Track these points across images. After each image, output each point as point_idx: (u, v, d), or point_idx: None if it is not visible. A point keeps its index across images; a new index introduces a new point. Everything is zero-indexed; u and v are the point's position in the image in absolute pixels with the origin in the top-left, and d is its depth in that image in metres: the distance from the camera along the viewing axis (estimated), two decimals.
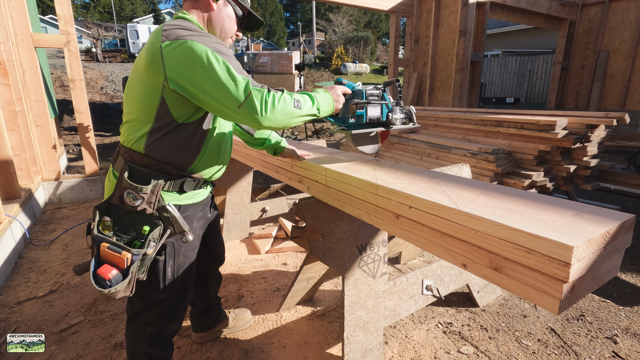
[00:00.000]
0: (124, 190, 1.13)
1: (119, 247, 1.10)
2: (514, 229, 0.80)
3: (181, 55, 1.04)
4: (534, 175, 3.02)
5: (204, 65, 1.03)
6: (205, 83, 1.04)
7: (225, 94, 1.04)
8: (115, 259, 1.09)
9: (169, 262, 1.25)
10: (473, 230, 0.89)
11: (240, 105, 1.04)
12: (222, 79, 1.03)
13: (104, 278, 1.07)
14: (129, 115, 1.18)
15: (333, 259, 1.58)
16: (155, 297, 1.29)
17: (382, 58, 30.64)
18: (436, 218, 0.99)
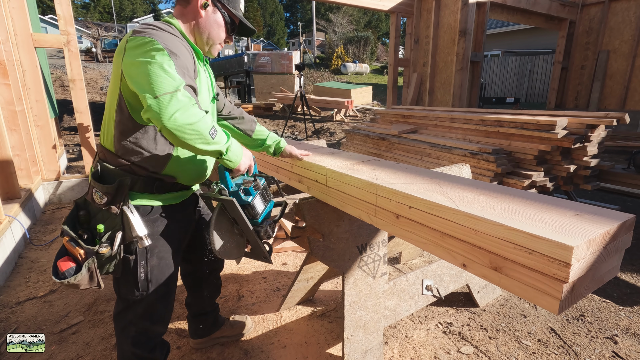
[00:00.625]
0: (92, 187, 1.16)
1: (75, 242, 1.14)
2: (514, 229, 0.80)
3: (134, 45, 1.05)
4: (534, 175, 3.02)
5: (145, 53, 1.03)
6: (137, 69, 1.03)
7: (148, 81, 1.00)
8: (73, 251, 1.14)
9: (141, 263, 1.24)
10: (473, 230, 0.89)
11: (157, 97, 0.98)
12: (155, 70, 1.00)
13: (58, 269, 1.14)
14: (105, 112, 1.21)
15: (333, 259, 1.58)
16: (132, 297, 1.29)
17: (382, 58, 30.64)
18: (436, 218, 0.99)
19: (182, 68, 1.07)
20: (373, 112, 5.69)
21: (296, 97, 7.64)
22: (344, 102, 10.77)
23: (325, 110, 12.06)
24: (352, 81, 20.15)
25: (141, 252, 1.23)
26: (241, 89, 13.70)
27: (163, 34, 1.09)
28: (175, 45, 1.10)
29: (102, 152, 1.20)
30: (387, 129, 4.78)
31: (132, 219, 1.15)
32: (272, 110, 12.25)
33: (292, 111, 8.85)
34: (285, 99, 12.16)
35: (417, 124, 4.53)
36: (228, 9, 1.27)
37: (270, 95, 14.23)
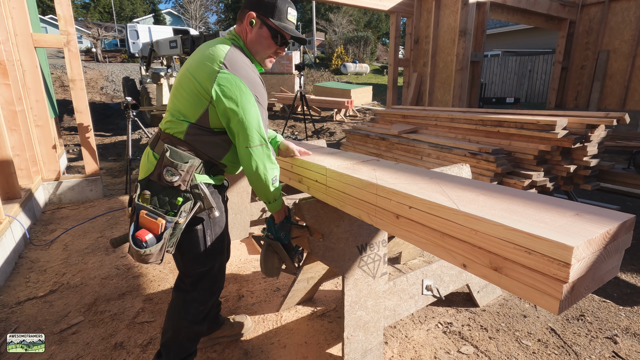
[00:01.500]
0: (164, 167, 1.29)
1: (155, 214, 1.27)
2: (514, 229, 0.80)
3: (230, 89, 1.25)
4: (534, 175, 3.02)
5: (241, 109, 1.26)
6: (236, 121, 1.28)
7: (244, 135, 1.29)
8: (151, 224, 1.26)
9: (207, 232, 1.41)
10: (473, 230, 0.89)
11: (248, 147, 1.30)
12: (251, 124, 1.28)
13: (141, 240, 1.24)
14: (175, 109, 1.35)
15: (333, 259, 1.58)
16: (200, 269, 1.44)
17: (382, 58, 30.63)
18: (436, 218, 0.99)
19: (264, 112, 1.34)
20: (373, 112, 5.69)
21: (296, 97, 7.64)
22: (344, 102, 10.77)
23: (325, 110, 12.06)
24: (352, 81, 20.15)
25: (207, 222, 1.40)
26: None
27: (250, 83, 1.29)
28: (259, 90, 1.33)
29: (167, 139, 1.34)
30: (387, 129, 4.78)
31: (206, 192, 1.33)
32: (272, 110, 12.25)
33: (292, 111, 8.85)
34: (285, 99, 12.16)
35: (417, 124, 4.53)
36: (272, 22, 1.35)
37: (271, 95, 14.22)
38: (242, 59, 1.32)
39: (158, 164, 1.31)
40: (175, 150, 1.32)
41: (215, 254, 1.47)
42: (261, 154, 1.32)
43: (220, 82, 1.25)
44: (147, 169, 1.36)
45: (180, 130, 1.33)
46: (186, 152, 1.33)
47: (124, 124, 9.61)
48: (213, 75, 1.25)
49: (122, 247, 3.03)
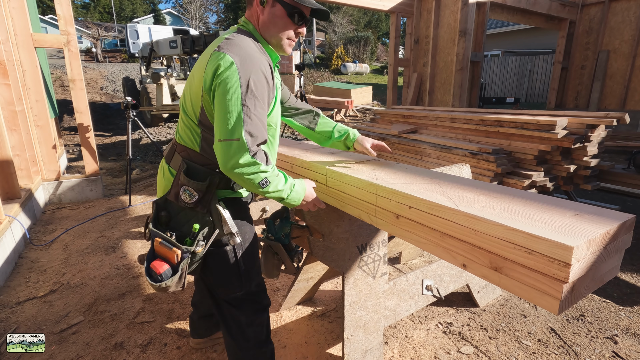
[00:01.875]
0: (181, 187, 1.15)
1: (170, 243, 1.14)
2: (513, 230, 0.80)
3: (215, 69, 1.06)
4: (534, 175, 3.01)
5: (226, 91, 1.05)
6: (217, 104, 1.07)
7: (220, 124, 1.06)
8: (167, 254, 1.13)
9: (238, 251, 1.26)
10: (473, 230, 0.89)
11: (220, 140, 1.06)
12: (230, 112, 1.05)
13: (156, 272, 1.11)
14: (184, 113, 1.20)
15: (333, 259, 1.58)
16: (236, 292, 1.30)
17: (382, 58, 30.63)
18: (436, 218, 0.99)
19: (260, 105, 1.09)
20: (373, 112, 5.69)
21: (296, 97, 7.63)
22: (344, 102, 10.77)
23: (325, 110, 12.06)
24: (352, 81, 20.15)
25: (244, 243, 1.28)
26: None
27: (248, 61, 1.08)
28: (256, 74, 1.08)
29: (184, 152, 1.20)
30: (387, 129, 4.78)
31: (225, 216, 1.17)
32: None
33: None
34: None
35: (417, 124, 4.53)
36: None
37: None
38: (243, 40, 1.12)
39: (175, 182, 1.18)
40: (193, 165, 1.17)
41: (250, 274, 1.30)
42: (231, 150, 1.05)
43: (209, 64, 1.08)
44: (164, 187, 1.24)
45: (193, 141, 1.18)
46: (205, 167, 1.18)
47: (124, 124, 9.61)
48: (205, 61, 1.10)
49: (122, 247, 3.03)
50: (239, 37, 1.14)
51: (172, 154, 1.24)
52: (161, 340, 1.94)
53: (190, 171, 1.16)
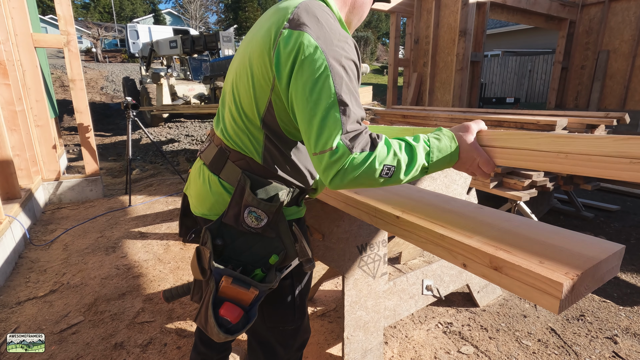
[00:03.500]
0: (245, 208, 0.90)
1: (247, 283, 0.89)
2: None
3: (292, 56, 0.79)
4: (534, 175, 3.02)
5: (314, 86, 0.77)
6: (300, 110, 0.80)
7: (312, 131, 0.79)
8: (240, 295, 0.88)
9: (297, 285, 1.07)
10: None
11: (316, 154, 0.79)
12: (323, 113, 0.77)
13: (229, 321, 0.87)
14: (237, 105, 0.92)
15: (333, 259, 1.58)
16: (285, 329, 1.10)
17: (382, 58, 30.63)
18: None
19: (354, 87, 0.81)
20: (373, 112, 5.70)
21: None
22: None
23: None
24: None
25: (295, 272, 1.04)
26: None
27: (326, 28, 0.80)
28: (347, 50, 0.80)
29: (242, 161, 0.93)
30: None
31: (303, 239, 0.96)
32: None
33: None
34: None
35: (417, 124, 4.53)
36: None
37: None
38: (321, 12, 0.83)
39: (234, 202, 0.92)
40: (260, 180, 0.92)
41: (304, 308, 1.13)
42: (338, 164, 0.77)
43: (280, 48, 0.80)
44: (211, 204, 0.98)
45: (254, 148, 0.92)
46: (273, 181, 0.94)
47: (124, 124, 9.61)
48: (274, 39, 0.81)
49: (122, 247, 3.04)
50: (312, 4, 0.84)
51: (222, 161, 0.96)
52: (161, 340, 1.94)
53: (258, 188, 0.92)
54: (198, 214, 1.03)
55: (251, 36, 0.92)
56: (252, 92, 0.88)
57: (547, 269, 0.76)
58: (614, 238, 3.24)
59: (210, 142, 1.03)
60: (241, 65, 0.91)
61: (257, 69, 0.85)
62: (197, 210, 1.03)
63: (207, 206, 0.99)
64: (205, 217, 1.00)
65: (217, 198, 0.97)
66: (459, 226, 1.00)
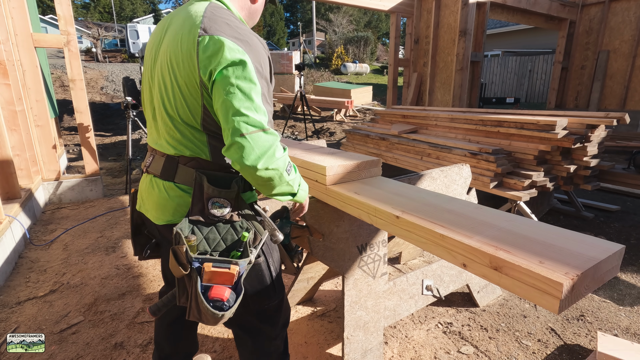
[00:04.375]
0: (208, 200, 1.00)
1: (225, 262, 0.96)
2: None
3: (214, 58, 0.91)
4: (534, 175, 3.02)
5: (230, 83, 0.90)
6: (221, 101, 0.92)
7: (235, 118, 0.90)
8: (224, 276, 0.95)
9: (270, 259, 1.16)
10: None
11: (244, 134, 0.90)
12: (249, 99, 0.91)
13: (221, 300, 0.93)
14: (170, 115, 1.02)
15: (333, 259, 1.58)
16: (269, 305, 1.18)
17: (382, 58, 30.64)
18: None
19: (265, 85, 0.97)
20: (373, 112, 5.70)
21: (296, 97, 7.64)
22: (344, 102, 10.77)
23: (325, 110, 12.06)
24: (352, 81, 20.15)
25: (266, 250, 1.14)
26: None
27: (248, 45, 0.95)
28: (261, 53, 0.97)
29: (193, 162, 1.03)
30: (387, 129, 4.78)
31: (265, 215, 1.07)
32: None
33: (292, 111, 8.85)
34: (285, 99, 12.16)
35: (417, 124, 4.53)
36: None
37: None
38: (226, 14, 0.98)
39: (196, 199, 1.01)
40: (213, 174, 1.03)
41: (281, 281, 1.23)
42: (263, 141, 0.92)
43: (201, 53, 0.91)
44: (174, 208, 1.05)
45: (200, 149, 1.03)
46: (224, 172, 1.06)
47: (124, 124, 9.61)
48: (193, 51, 0.93)
49: (122, 247, 3.04)
50: (216, 10, 0.98)
51: (173, 167, 1.05)
52: None
53: (214, 180, 1.01)
54: (162, 223, 1.07)
55: (164, 48, 1.01)
56: (184, 102, 0.98)
57: (547, 269, 0.76)
58: (614, 238, 3.24)
59: (154, 156, 1.11)
60: (163, 79, 1.01)
61: (183, 81, 0.96)
62: (160, 220, 1.08)
63: (170, 212, 1.05)
64: (170, 223, 1.05)
65: (178, 201, 1.05)
66: (459, 226, 1.00)
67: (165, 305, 1.11)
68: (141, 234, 1.27)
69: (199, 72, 0.93)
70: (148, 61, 1.08)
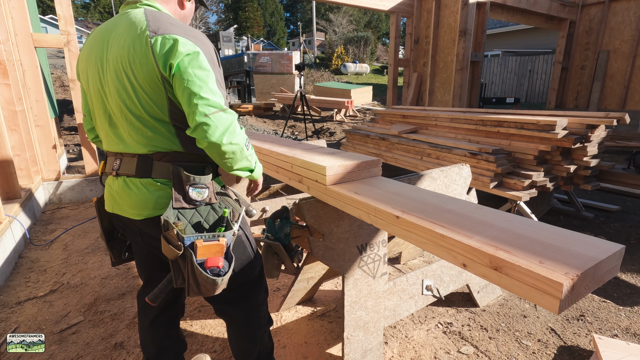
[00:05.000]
0: (188, 188, 1.11)
1: (213, 237, 1.09)
2: None
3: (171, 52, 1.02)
4: (534, 175, 3.02)
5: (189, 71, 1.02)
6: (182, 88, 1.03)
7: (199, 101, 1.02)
8: (215, 248, 1.08)
9: (247, 233, 1.32)
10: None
11: (207, 115, 1.02)
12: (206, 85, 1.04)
13: (217, 267, 1.07)
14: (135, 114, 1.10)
15: (333, 259, 1.58)
16: (252, 274, 1.33)
17: (382, 58, 30.65)
18: None
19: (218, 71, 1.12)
20: (373, 112, 5.70)
21: (296, 97, 7.64)
22: (344, 102, 10.77)
23: (325, 110, 12.06)
24: (352, 81, 20.15)
25: (243, 225, 1.30)
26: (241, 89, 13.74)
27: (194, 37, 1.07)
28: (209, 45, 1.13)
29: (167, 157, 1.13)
30: (387, 129, 4.78)
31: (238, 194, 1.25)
32: (272, 110, 12.25)
33: (292, 111, 8.85)
34: (285, 99, 12.16)
35: (417, 124, 4.53)
36: None
37: (270, 95, 14.24)
38: (164, 16, 1.10)
39: (177, 188, 1.11)
40: (188, 165, 1.15)
41: (258, 250, 1.39)
42: (225, 120, 1.05)
43: (157, 51, 1.01)
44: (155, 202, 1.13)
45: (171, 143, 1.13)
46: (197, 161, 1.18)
47: None
48: (148, 51, 1.02)
49: None
50: (155, 14, 1.09)
51: (148, 165, 1.13)
52: None
53: (190, 169, 1.14)
54: (142, 218, 1.15)
55: (113, 57, 1.08)
56: (150, 99, 1.07)
57: (547, 269, 0.76)
58: (614, 238, 3.24)
59: (121, 159, 1.18)
60: (122, 85, 1.08)
61: (144, 80, 1.05)
62: (140, 215, 1.15)
63: (151, 206, 1.14)
64: (150, 217, 1.15)
65: (158, 194, 1.13)
66: (459, 226, 1.00)
67: (162, 292, 1.18)
68: (115, 239, 1.36)
69: (158, 68, 1.02)
70: (93, 74, 1.15)
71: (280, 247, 1.57)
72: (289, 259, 1.61)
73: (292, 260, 1.63)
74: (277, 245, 1.57)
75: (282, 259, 1.62)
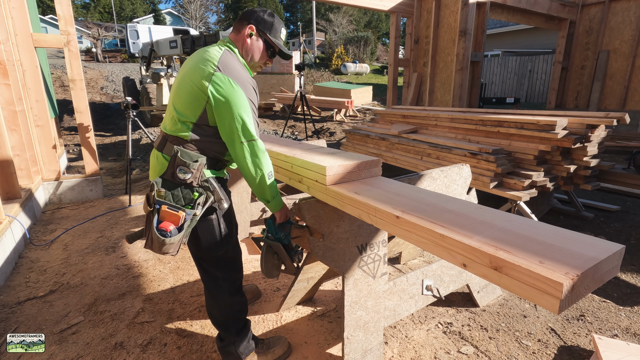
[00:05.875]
0: (177, 167, 1.41)
1: (176, 207, 1.39)
2: None
3: (224, 88, 1.37)
4: (534, 175, 3.02)
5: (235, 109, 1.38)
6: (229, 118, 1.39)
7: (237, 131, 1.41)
8: (172, 217, 1.38)
9: (221, 220, 1.55)
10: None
11: (242, 142, 1.41)
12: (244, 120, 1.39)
13: (165, 230, 1.35)
14: (177, 111, 1.46)
15: (333, 259, 1.58)
16: (218, 253, 1.57)
17: (382, 58, 30.64)
18: None
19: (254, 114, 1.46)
20: (373, 112, 5.69)
21: (296, 97, 7.64)
22: (344, 102, 10.77)
23: (325, 110, 12.06)
24: (352, 81, 20.14)
25: (219, 211, 1.54)
26: None
27: (243, 85, 1.40)
28: (250, 90, 1.45)
29: (176, 141, 1.46)
30: (387, 129, 4.78)
31: (216, 186, 1.48)
32: (272, 110, 12.25)
33: (292, 111, 8.85)
34: (285, 99, 12.16)
35: (417, 124, 4.53)
36: (269, 37, 1.55)
37: (270, 95, 14.24)
38: (234, 62, 1.45)
39: (170, 164, 1.42)
40: (185, 150, 1.44)
41: (228, 237, 1.60)
42: (254, 148, 1.42)
43: (214, 81, 1.37)
44: (159, 170, 1.49)
45: (185, 132, 1.45)
46: (194, 151, 1.46)
47: (124, 124, 9.61)
48: (209, 77, 1.38)
49: (122, 247, 3.03)
50: (229, 57, 1.45)
51: (164, 143, 1.49)
52: (161, 340, 1.94)
53: (184, 154, 1.43)
54: (152, 179, 1.49)
55: (188, 72, 1.45)
56: (190, 103, 1.42)
57: (547, 269, 0.76)
58: (614, 238, 3.24)
59: (158, 137, 1.58)
60: (181, 89, 1.45)
61: (196, 90, 1.40)
62: (152, 177, 1.53)
63: (157, 172, 1.51)
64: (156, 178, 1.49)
65: (162, 165, 1.49)
66: (459, 226, 1.00)
67: (137, 236, 1.59)
68: None
69: (208, 90, 1.37)
70: (175, 81, 1.55)
71: (280, 247, 1.58)
72: (289, 258, 1.62)
73: (292, 260, 1.64)
74: (277, 245, 1.58)
75: (282, 259, 1.62)
